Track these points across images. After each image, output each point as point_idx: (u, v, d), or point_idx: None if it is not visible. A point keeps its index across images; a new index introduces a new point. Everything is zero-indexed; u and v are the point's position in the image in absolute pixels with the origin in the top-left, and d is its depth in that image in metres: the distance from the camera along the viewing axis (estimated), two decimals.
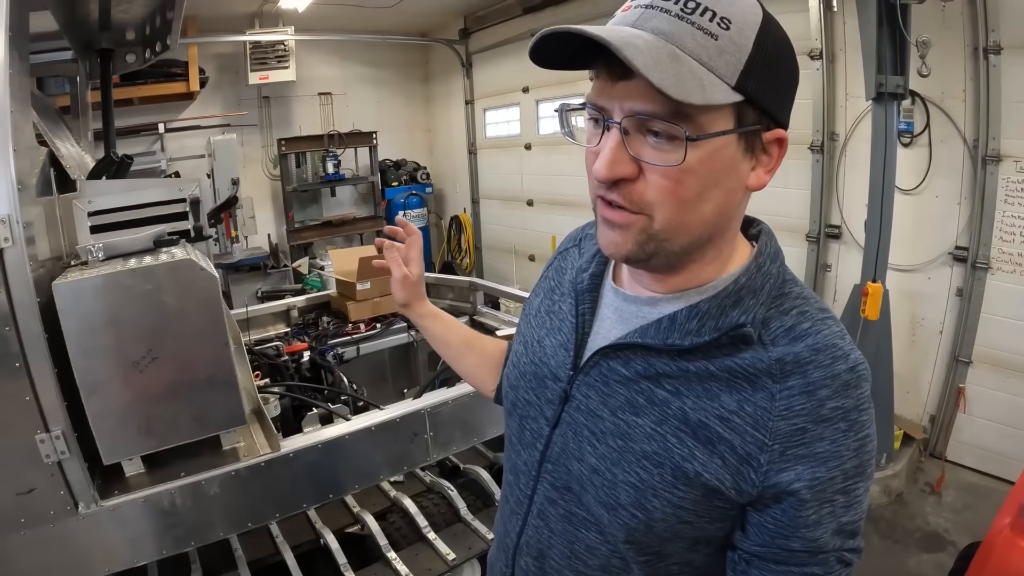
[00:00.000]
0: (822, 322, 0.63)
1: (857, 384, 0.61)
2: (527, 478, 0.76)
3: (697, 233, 0.62)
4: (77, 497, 1.34)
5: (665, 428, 0.63)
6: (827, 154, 3.41)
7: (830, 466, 0.59)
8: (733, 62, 0.55)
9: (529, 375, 0.77)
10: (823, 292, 3.57)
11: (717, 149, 0.57)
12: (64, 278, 1.29)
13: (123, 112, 4.71)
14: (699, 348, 0.63)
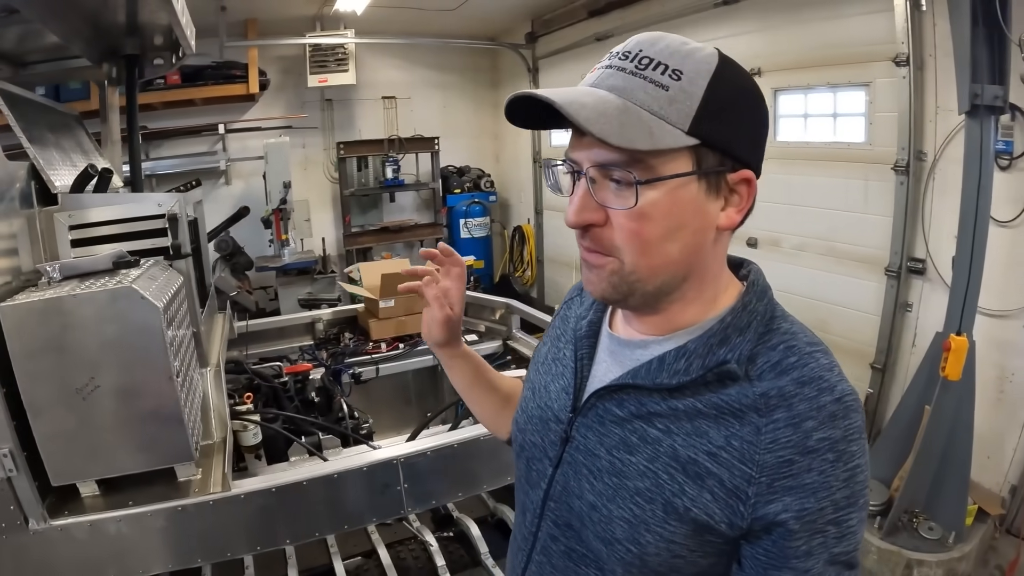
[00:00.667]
0: (809, 355, 0.66)
1: (845, 415, 0.63)
2: (532, 516, 0.82)
3: (669, 272, 0.66)
4: (27, 513, 1.36)
5: (657, 465, 0.67)
6: (913, 176, 3.03)
7: (819, 496, 0.61)
8: (685, 109, 0.61)
9: (536, 419, 0.83)
10: (901, 336, 3.18)
11: (675, 191, 0.62)
12: (12, 300, 1.30)
13: (185, 112, 5.04)
14: (687, 387, 0.67)
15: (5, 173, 1.45)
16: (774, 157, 3.55)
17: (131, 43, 2.26)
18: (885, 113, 3.08)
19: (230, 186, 5.65)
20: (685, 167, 0.62)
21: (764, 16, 3.52)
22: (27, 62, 2.13)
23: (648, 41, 0.63)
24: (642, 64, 0.62)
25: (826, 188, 3.35)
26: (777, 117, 3.56)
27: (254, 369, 2.32)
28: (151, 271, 1.57)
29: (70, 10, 1.83)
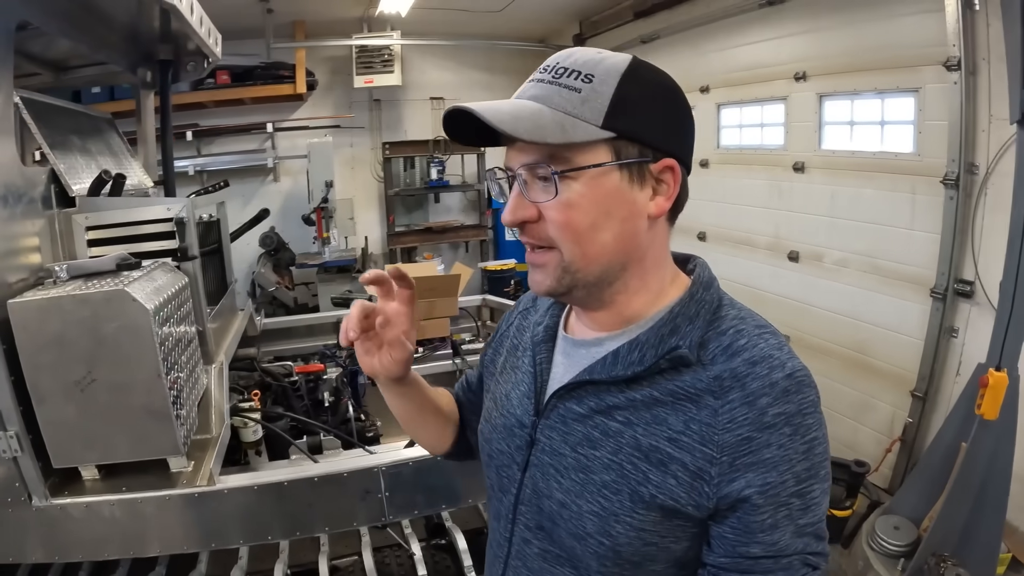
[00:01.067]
0: (758, 336, 0.70)
1: (798, 390, 0.66)
2: (505, 522, 0.85)
3: (606, 260, 0.71)
4: (31, 491, 1.51)
5: (620, 457, 0.71)
6: (963, 190, 2.84)
7: (781, 470, 0.64)
8: (597, 107, 0.67)
9: (500, 427, 0.87)
10: (944, 363, 2.99)
11: (597, 180, 0.68)
12: (21, 297, 1.44)
13: (236, 111, 5.33)
14: (643, 377, 0.71)
15: (26, 177, 1.60)
16: (818, 167, 3.43)
17: (164, 49, 2.42)
18: (935, 121, 2.89)
19: (278, 183, 5.92)
20: (603, 158, 0.68)
21: (810, 17, 3.38)
22: (67, 67, 2.32)
23: (564, 55, 0.71)
24: (557, 74, 0.69)
25: (871, 201, 3.19)
26: (822, 124, 3.41)
27: (264, 367, 2.44)
28: (154, 273, 1.69)
29: (103, 26, 1.98)
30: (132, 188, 2.27)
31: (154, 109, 2.66)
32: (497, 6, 4.85)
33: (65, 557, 1.61)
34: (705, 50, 4.16)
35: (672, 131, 0.72)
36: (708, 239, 4.40)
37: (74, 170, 1.85)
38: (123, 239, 1.83)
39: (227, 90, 4.96)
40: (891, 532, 2.69)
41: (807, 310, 3.58)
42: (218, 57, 2.42)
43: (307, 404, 2.43)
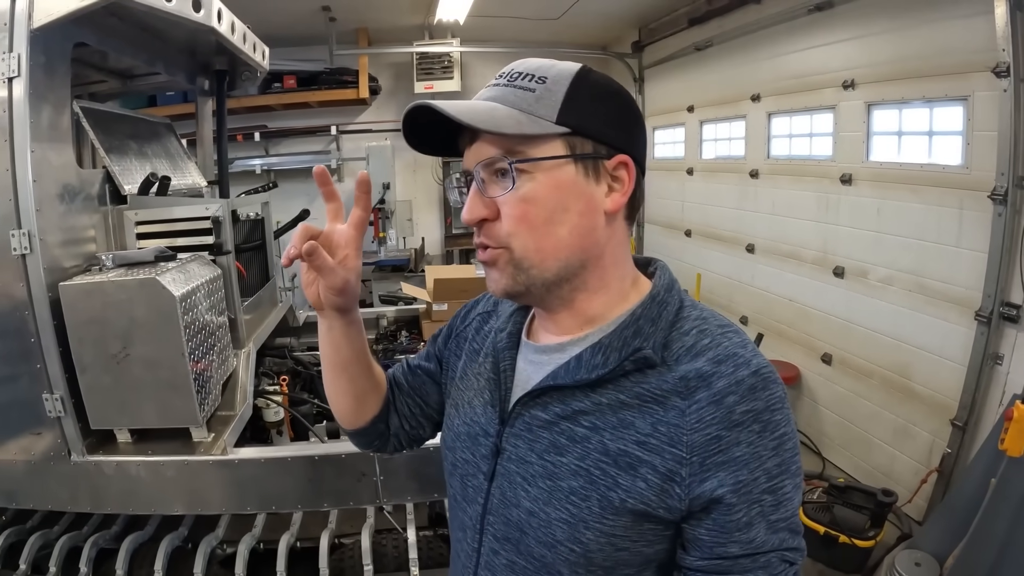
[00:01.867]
0: (722, 335, 0.71)
1: (764, 387, 0.67)
2: (473, 532, 0.84)
3: (563, 257, 0.73)
4: (71, 448, 1.80)
5: (588, 462, 0.71)
6: (1012, 206, 2.68)
7: (752, 467, 0.65)
8: (551, 103, 0.71)
9: (463, 435, 0.87)
10: (987, 392, 2.83)
11: (552, 173, 0.71)
12: (70, 281, 1.72)
13: (301, 114, 5.73)
14: (608, 379, 0.72)
15: (82, 178, 1.89)
16: (865, 179, 3.34)
17: (219, 61, 2.70)
18: (984, 132, 2.74)
19: (342, 183, 6.28)
20: (558, 151, 0.71)
21: (858, 22, 3.28)
22: (134, 75, 2.64)
23: (520, 62, 0.76)
24: (512, 78, 0.73)
25: (918, 216, 3.06)
26: (870, 135, 3.31)
27: (295, 356, 2.68)
28: (188, 265, 1.94)
29: (159, 43, 2.27)
30: (185, 188, 2.57)
31: (211, 114, 2.97)
32: (554, 13, 4.97)
33: (97, 508, 1.89)
34: (756, 58, 4.11)
35: (623, 130, 0.74)
36: (756, 251, 4.33)
37: (128, 171, 2.14)
38: (167, 234, 2.11)
39: (293, 94, 5.36)
40: (911, 568, 2.59)
41: (850, 328, 3.48)
42: (264, 69, 2.68)
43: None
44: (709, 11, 4.35)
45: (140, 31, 2.13)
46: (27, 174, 1.60)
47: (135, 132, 2.36)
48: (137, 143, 2.32)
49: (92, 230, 1.95)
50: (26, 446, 1.80)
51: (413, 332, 3.29)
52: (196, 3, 1.83)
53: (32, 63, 1.59)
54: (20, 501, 1.89)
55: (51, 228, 1.72)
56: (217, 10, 1.96)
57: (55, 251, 1.73)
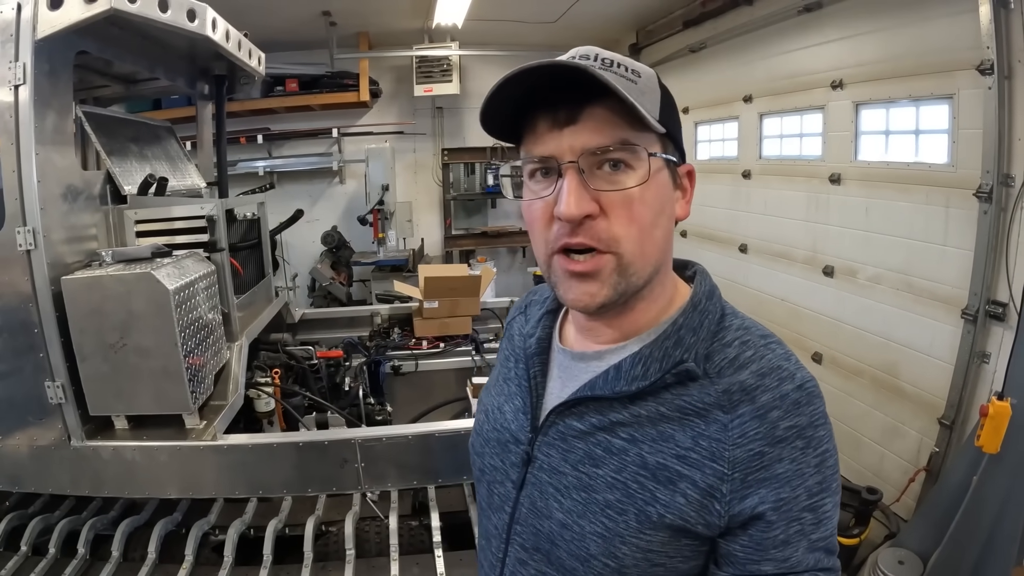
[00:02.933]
0: (765, 347, 0.71)
1: (808, 401, 0.67)
2: (498, 541, 0.83)
3: (655, 261, 0.71)
4: (71, 433, 1.95)
5: (625, 475, 0.70)
6: (997, 204, 2.75)
7: (793, 485, 0.65)
8: (654, 100, 0.70)
9: (492, 441, 0.86)
10: (974, 390, 2.91)
11: (658, 174, 0.70)
12: (72, 275, 1.87)
13: (303, 116, 5.92)
14: (648, 392, 0.71)
15: (85, 179, 2.04)
16: (854, 179, 3.43)
17: (218, 66, 2.86)
18: (970, 130, 2.83)
19: (344, 185, 6.48)
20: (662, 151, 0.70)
21: (846, 23, 3.38)
22: (136, 81, 2.81)
23: (585, 49, 0.70)
24: (605, 63, 0.68)
25: (905, 215, 3.15)
26: (858, 134, 3.40)
27: (287, 350, 2.82)
28: (183, 261, 2.09)
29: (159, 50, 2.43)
30: (184, 189, 2.73)
31: (212, 117, 3.12)
32: (551, 17, 5.11)
33: (95, 492, 2.04)
34: (748, 59, 4.22)
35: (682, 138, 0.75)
36: (749, 251, 4.43)
37: (128, 173, 2.30)
38: (165, 232, 2.26)
39: (295, 97, 5.54)
40: (894, 566, 2.67)
41: (840, 327, 3.56)
42: (261, 74, 2.83)
43: (324, 385, 2.79)
44: (703, 13, 4.47)
45: (140, 39, 2.27)
46: (32, 175, 1.76)
47: (136, 135, 2.52)
48: (138, 146, 2.48)
49: (94, 228, 2.10)
50: (30, 432, 1.95)
51: (406, 329, 3.43)
52: (191, 13, 1.99)
53: (36, 71, 1.75)
54: (24, 485, 2.04)
55: (54, 226, 1.87)
56: (211, 19, 2.11)
57: (58, 247, 1.89)
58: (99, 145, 2.18)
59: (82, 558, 2.02)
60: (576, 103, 0.67)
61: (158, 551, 2.05)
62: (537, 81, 0.66)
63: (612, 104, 0.66)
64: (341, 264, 5.72)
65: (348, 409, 2.64)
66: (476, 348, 3.36)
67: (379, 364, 3.15)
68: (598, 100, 0.66)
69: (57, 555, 2.05)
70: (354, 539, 2.08)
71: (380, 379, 3.08)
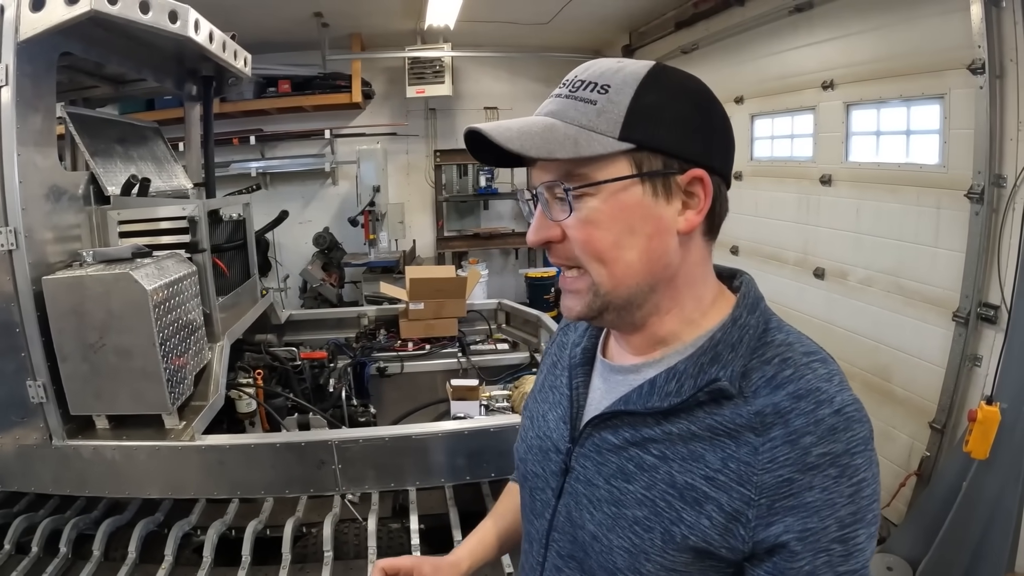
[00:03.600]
0: (806, 367, 0.68)
1: (846, 427, 0.64)
2: (538, 546, 0.86)
3: (634, 281, 0.71)
4: (52, 433, 1.99)
5: (654, 493, 0.70)
6: (988, 205, 2.78)
7: (823, 515, 0.62)
8: (613, 118, 0.68)
9: (535, 448, 0.89)
10: (966, 394, 2.93)
11: (616, 196, 0.69)
12: (52, 275, 1.91)
13: (296, 118, 5.99)
14: (681, 409, 0.70)
15: (68, 180, 2.09)
16: (845, 180, 3.47)
17: (206, 67, 2.91)
18: (961, 130, 2.86)
19: (337, 186, 6.54)
20: (623, 172, 0.68)
21: (837, 23, 3.43)
22: (125, 81, 2.86)
23: (584, 67, 0.72)
24: (575, 87, 0.70)
25: (896, 216, 3.18)
26: (849, 135, 3.44)
27: (270, 351, 2.86)
28: (164, 262, 2.13)
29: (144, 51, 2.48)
30: (170, 190, 2.78)
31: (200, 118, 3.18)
32: (544, 18, 5.18)
33: (76, 491, 2.08)
34: (739, 60, 4.27)
35: (702, 139, 0.71)
36: (741, 253, 4.47)
37: (113, 174, 2.35)
38: (148, 232, 2.30)
39: (287, 98, 5.61)
40: (883, 572, 2.69)
41: (830, 330, 3.59)
42: (247, 75, 2.88)
43: (308, 386, 2.83)
44: (695, 14, 4.53)
45: (126, 40, 2.32)
46: (14, 176, 1.80)
47: (122, 136, 2.57)
48: (124, 147, 2.53)
49: (77, 228, 2.15)
50: (13, 432, 1.99)
51: (392, 331, 3.47)
52: (172, 14, 2.03)
53: (19, 72, 1.79)
54: (7, 484, 2.08)
55: (36, 226, 1.92)
56: (194, 20, 2.16)
57: (40, 248, 1.93)
58: (83, 146, 2.23)
59: (64, 557, 2.05)
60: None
61: (139, 551, 2.08)
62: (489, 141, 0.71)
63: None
64: (333, 265, 5.77)
65: (332, 411, 2.68)
66: (462, 350, 3.40)
67: (364, 366, 3.19)
68: None
69: (40, 554, 2.09)
70: (333, 541, 2.12)
71: (365, 381, 3.12)
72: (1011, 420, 2.39)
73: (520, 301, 5.43)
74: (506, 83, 6.73)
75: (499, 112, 6.74)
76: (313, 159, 6.27)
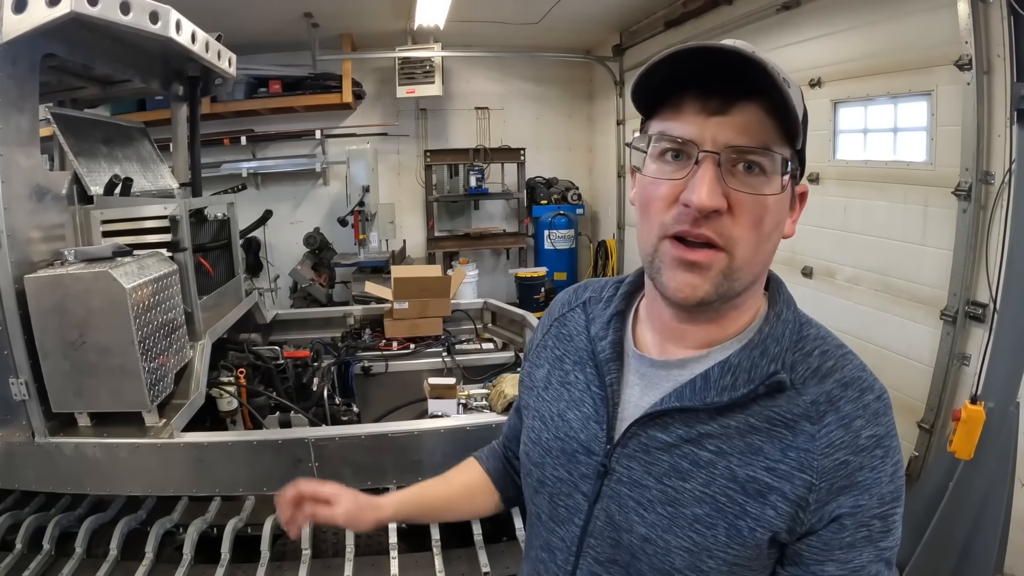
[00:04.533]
0: (843, 357, 0.75)
1: (884, 412, 0.72)
2: (566, 554, 0.84)
3: (758, 272, 0.74)
4: (35, 430, 2.05)
5: (714, 489, 0.72)
6: (976, 202, 2.81)
7: (872, 492, 0.68)
8: (799, 113, 0.68)
9: (556, 451, 0.85)
10: (955, 393, 2.96)
11: (786, 188, 0.71)
12: (34, 274, 1.98)
13: (287, 118, 6.08)
14: (737, 402, 0.72)
15: (54, 180, 2.16)
16: (832, 178, 3.53)
17: (192, 67, 2.97)
18: (949, 127, 2.90)
19: (328, 186, 6.63)
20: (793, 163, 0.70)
21: (824, 20, 3.49)
22: (113, 82, 2.93)
23: (743, 44, 0.66)
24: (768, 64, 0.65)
25: (883, 214, 3.23)
26: (836, 133, 3.50)
27: (253, 350, 2.92)
28: (144, 260, 2.19)
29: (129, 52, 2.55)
30: (156, 190, 2.84)
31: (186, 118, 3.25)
32: (533, 18, 5.26)
33: (59, 488, 2.15)
34: None
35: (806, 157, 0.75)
36: None
37: (97, 174, 2.41)
38: (132, 231, 2.37)
39: (278, 99, 5.71)
40: None
41: None
42: (231, 76, 2.95)
43: (290, 385, 2.89)
44: (684, 13, 4.60)
45: (110, 41, 2.39)
46: None
47: (107, 136, 2.64)
48: (108, 147, 2.60)
49: (61, 228, 2.21)
50: None
51: (376, 331, 3.54)
52: (153, 15, 2.10)
53: (2, 73, 1.86)
54: None
55: (19, 225, 1.98)
56: (175, 21, 2.23)
57: (23, 246, 1.99)
58: (66, 146, 2.30)
59: (47, 554, 2.10)
60: (729, 95, 0.67)
61: (120, 548, 2.14)
62: (699, 64, 0.66)
63: (764, 106, 0.67)
64: (323, 265, 5.84)
65: (314, 409, 2.74)
66: (447, 349, 3.46)
67: (349, 365, 3.25)
68: (751, 98, 0.67)
69: (24, 551, 2.14)
70: (311, 539, 2.18)
71: (349, 380, 3.19)
72: (997, 419, 2.42)
73: (511, 301, 5.51)
74: (497, 83, 6.83)
75: (490, 112, 6.82)
76: (304, 159, 6.36)
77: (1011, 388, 2.42)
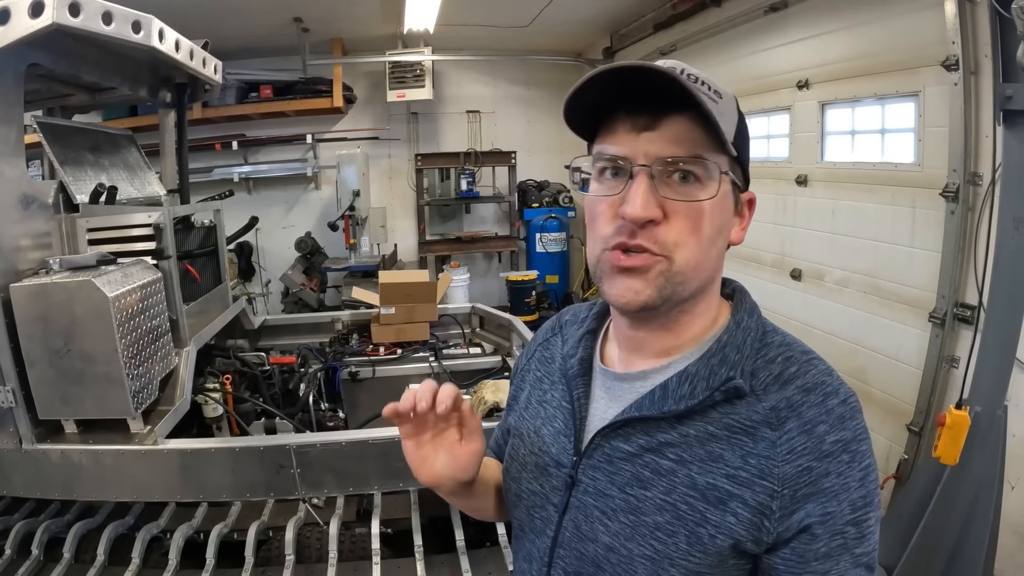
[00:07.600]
0: (808, 363, 0.76)
1: (852, 416, 0.72)
2: (540, 564, 0.87)
3: (705, 277, 0.76)
4: (22, 437, 2.11)
5: (675, 496, 0.73)
6: (964, 204, 2.83)
7: (840, 499, 0.69)
8: (730, 123, 0.73)
9: (530, 465, 0.90)
10: (944, 395, 2.99)
11: (725, 195, 0.74)
12: (20, 283, 2.04)
13: (279, 123, 6.16)
14: (695, 411, 0.74)
15: (39, 189, 2.23)
16: (820, 180, 3.58)
17: (179, 74, 3.04)
18: (936, 128, 2.93)
19: (319, 191, 6.70)
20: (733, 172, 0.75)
21: (812, 22, 3.54)
22: (101, 89, 2.99)
23: (680, 64, 0.73)
24: (692, 78, 0.70)
25: (871, 216, 3.28)
26: (824, 134, 3.56)
27: (239, 356, 2.98)
28: (129, 268, 2.25)
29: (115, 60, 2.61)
30: (143, 197, 2.90)
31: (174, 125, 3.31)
32: (523, 22, 5.33)
33: (46, 494, 2.20)
34: (716, 61, 4.39)
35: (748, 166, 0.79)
36: None
37: (82, 182, 2.47)
38: (118, 239, 2.43)
39: (269, 103, 5.78)
40: None
41: (808, 332, 3.69)
42: (218, 82, 3.02)
43: (277, 391, 2.95)
44: (673, 16, 4.67)
45: (95, 50, 2.45)
46: None
47: (94, 144, 2.70)
48: (95, 155, 2.66)
49: (47, 237, 2.28)
50: None
51: (364, 336, 3.60)
52: (135, 25, 2.16)
53: None
54: None
55: (5, 235, 2.05)
56: (159, 30, 2.28)
57: (9, 255, 2.06)
58: (52, 155, 2.36)
59: (35, 559, 2.17)
60: (657, 110, 0.71)
61: (107, 553, 2.20)
62: (625, 84, 0.70)
63: (692, 118, 0.70)
64: (314, 270, 5.91)
65: (300, 415, 2.80)
66: (434, 354, 3.51)
67: (336, 370, 3.30)
68: (679, 111, 0.71)
69: (13, 556, 2.19)
70: (295, 545, 2.23)
71: (336, 385, 3.24)
72: (985, 423, 2.43)
73: (502, 304, 5.56)
74: (487, 86, 6.90)
75: (481, 115, 6.89)
76: (295, 164, 6.44)
77: (999, 391, 2.44)
